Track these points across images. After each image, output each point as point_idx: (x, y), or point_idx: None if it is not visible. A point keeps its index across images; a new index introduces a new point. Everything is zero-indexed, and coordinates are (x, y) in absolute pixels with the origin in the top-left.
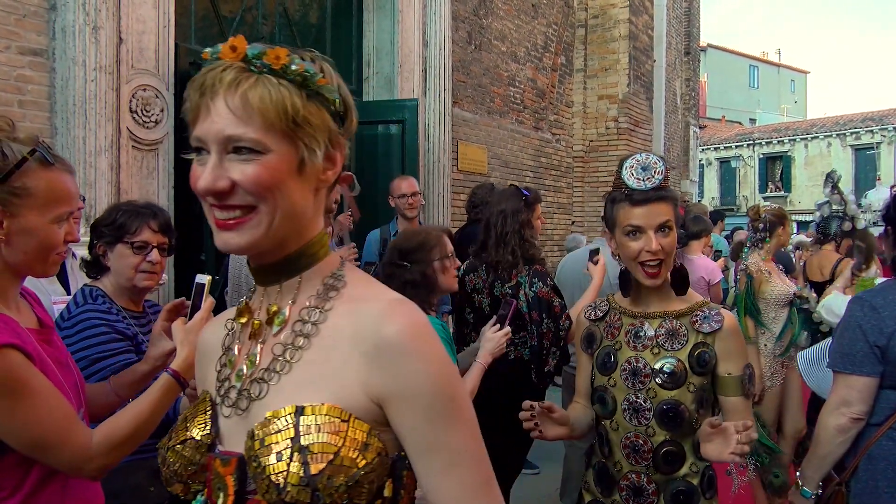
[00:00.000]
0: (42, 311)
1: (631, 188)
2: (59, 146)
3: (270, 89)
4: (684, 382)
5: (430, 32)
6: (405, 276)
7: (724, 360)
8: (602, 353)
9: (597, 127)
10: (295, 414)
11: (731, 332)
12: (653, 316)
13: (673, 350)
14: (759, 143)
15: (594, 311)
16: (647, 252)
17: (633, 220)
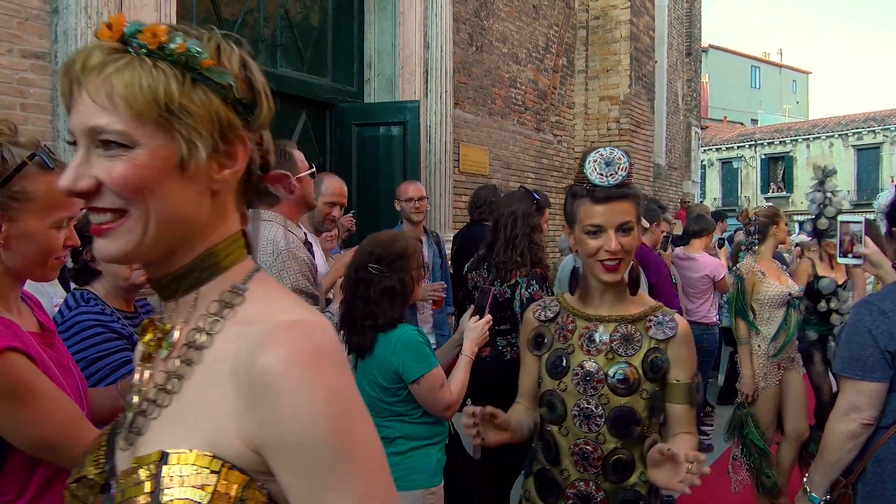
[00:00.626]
0: (43, 315)
1: (593, 184)
2: (62, 150)
3: (141, 73)
4: (637, 389)
5: (432, 34)
6: (385, 283)
7: (675, 366)
8: (553, 356)
9: (598, 128)
10: (158, 462)
11: (683, 340)
12: (608, 319)
13: (627, 356)
14: (761, 143)
15: (544, 310)
16: (605, 251)
17: (594, 220)
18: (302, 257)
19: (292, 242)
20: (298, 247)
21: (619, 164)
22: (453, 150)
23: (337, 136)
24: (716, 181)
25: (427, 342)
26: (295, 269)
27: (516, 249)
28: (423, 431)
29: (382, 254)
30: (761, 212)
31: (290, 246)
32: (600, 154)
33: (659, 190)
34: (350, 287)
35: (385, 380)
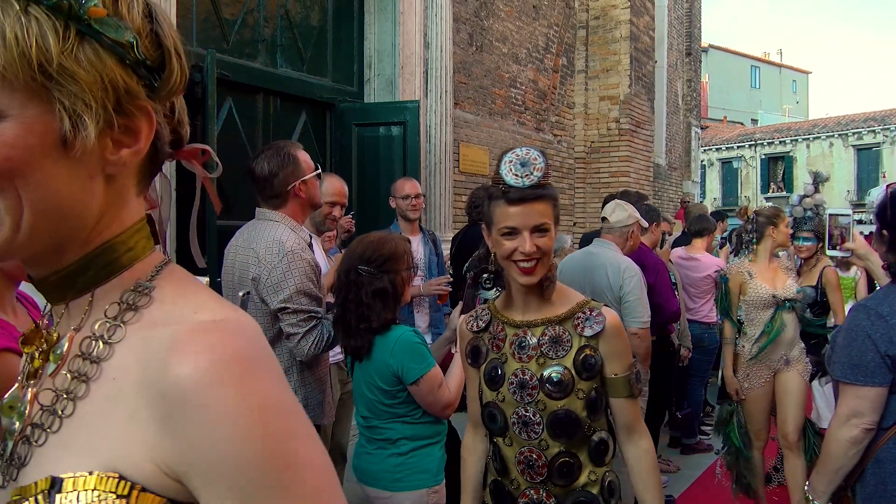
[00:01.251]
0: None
1: (508, 185)
2: None
3: (4, 21)
4: (572, 390)
5: (432, 34)
6: (375, 284)
7: (610, 361)
8: (489, 366)
9: (598, 128)
10: (48, 491)
11: (613, 332)
12: (535, 324)
13: (558, 357)
14: (761, 143)
15: (476, 321)
16: (520, 252)
17: (509, 221)
18: (307, 259)
19: (298, 244)
20: (304, 248)
21: (534, 164)
22: (453, 150)
23: (337, 136)
24: (716, 181)
25: (424, 342)
26: (300, 271)
27: None
28: (424, 431)
29: (372, 255)
30: (762, 211)
31: (297, 247)
32: (516, 154)
33: (659, 190)
34: (341, 290)
35: (384, 382)
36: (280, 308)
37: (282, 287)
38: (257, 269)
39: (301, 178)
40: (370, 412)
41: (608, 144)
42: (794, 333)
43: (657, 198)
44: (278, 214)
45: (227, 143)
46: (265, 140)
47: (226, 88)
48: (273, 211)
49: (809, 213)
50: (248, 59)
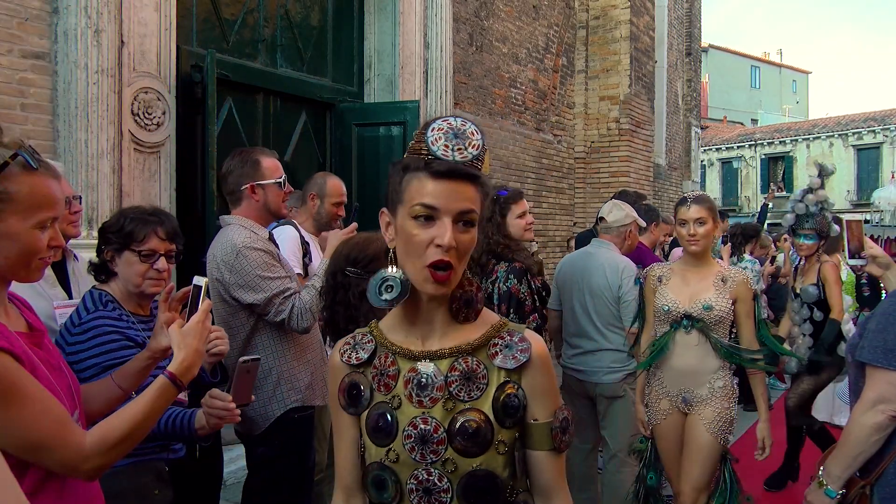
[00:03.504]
0: (32, 316)
1: (434, 155)
2: (62, 149)
3: None
4: (491, 442)
5: (432, 34)
6: (362, 285)
7: (533, 401)
8: (374, 414)
9: (598, 128)
10: None
11: (540, 364)
12: (440, 355)
13: (472, 399)
14: (761, 143)
15: (354, 350)
16: (435, 246)
17: (427, 198)
18: (260, 248)
19: (249, 237)
20: (255, 240)
21: (471, 139)
22: None
23: (337, 136)
24: (716, 181)
25: None
26: (255, 262)
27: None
28: None
29: (358, 256)
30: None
31: (247, 241)
32: (448, 123)
33: (659, 190)
34: (329, 292)
35: None
36: (254, 304)
37: (245, 282)
38: (218, 271)
39: (256, 181)
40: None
41: (608, 144)
42: (698, 364)
43: (657, 198)
44: (233, 217)
45: (227, 143)
46: (265, 140)
47: (226, 88)
48: (229, 215)
49: (813, 209)
50: (248, 59)
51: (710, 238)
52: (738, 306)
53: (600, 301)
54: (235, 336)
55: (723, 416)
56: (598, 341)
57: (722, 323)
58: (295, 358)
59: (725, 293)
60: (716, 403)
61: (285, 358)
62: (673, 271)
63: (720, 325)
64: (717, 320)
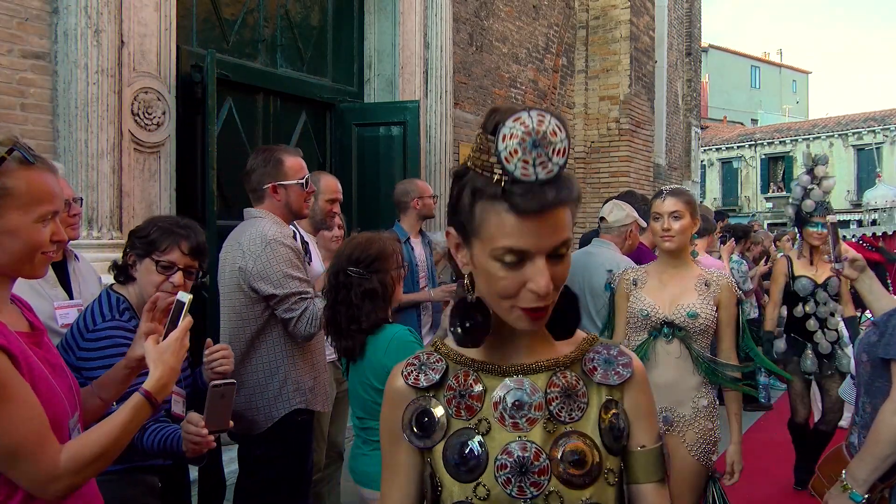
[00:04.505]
0: (33, 317)
1: (513, 177)
2: (62, 149)
3: None
4: (600, 472)
5: (432, 34)
6: (365, 285)
7: (636, 424)
8: (454, 443)
9: (598, 128)
10: None
11: (642, 381)
12: (535, 368)
13: (573, 421)
14: (761, 143)
15: (421, 371)
16: (530, 292)
17: (514, 241)
18: (289, 245)
19: (280, 233)
20: (286, 237)
21: (553, 142)
22: (453, 150)
23: (337, 136)
24: (716, 181)
25: (419, 341)
26: (283, 257)
27: None
28: None
29: (360, 256)
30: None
31: (278, 236)
32: (523, 124)
33: None
34: (331, 292)
35: (379, 382)
36: (271, 296)
37: (268, 274)
38: (242, 260)
39: (278, 181)
40: (365, 413)
41: (608, 144)
42: (680, 379)
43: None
44: (262, 211)
45: (227, 144)
46: (265, 140)
47: (226, 88)
48: (256, 209)
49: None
50: (248, 59)
51: (688, 235)
52: (721, 312)
53: (601, 301)
54: (245, 328)
55: (707, 437)
56: None
57: (706, 333)
58: (302, 359)
59: (709, 298)
60: (700, 424)
61: (293, 358)
62: (648, 273)
63: (704, 334)
64: (702, 329)
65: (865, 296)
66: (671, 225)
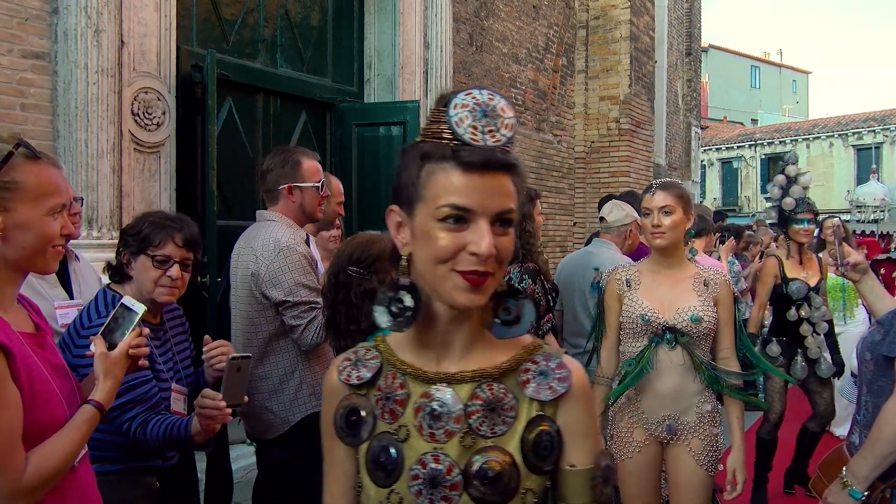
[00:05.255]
0: (39, 318)
1: (462, 141)
2: (62, 149)
3: None
4: (516, 490)
5: (432, 34)
6: (364, 285)
7: (570, 442)
8: (376, 447)
9: (598, 128)
10: None
11: (580, 396)
12: (461, 378)
13: (495, 436)
14: (761, 143)
15: (355, 367)
16: (470, 254)
17: (459, 197)
18: (303, 252)
19: (293, 239)
20: (299, 243)
21: (502, 116)
22: None
23: (337, 136)
24: (716, 181)
25: None
26: (296, 264)
27: None
28: None
29: (361, 256)
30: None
31: (292, 242)
32: (474, 97)
33: None
34: (331, 291)
35: None
36: (281, 302)
37: (280, 281)
38: (255, 265)
39: (294, 183)
40: None
41: (608, 144)
42: (684, 386)
43: None
44: (275, 214)
45: (227, 144)
46: (265, 140)
47: (226, 88)
48: (269, 211)
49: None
50: (248, 59)
51: (680, 231)
52: (720, 311)
53: None
54: (258, 333)
55: (713, 444)
56: None
57: (709, 336)
58: (317, 363)
59: (709, 299)
60: (705, 431)
61: (308, 363)
62: (641, 273)
63: (706, 338)
64: (706, 333)
65: (867, 296)
66: (661, 221)
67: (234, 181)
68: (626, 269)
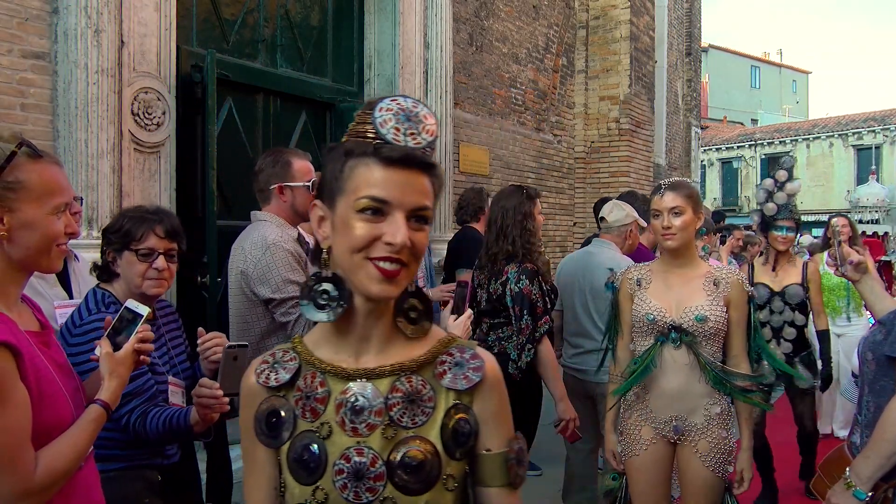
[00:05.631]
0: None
1: (384, 139)
2: (62, 149)
3: None
4: (438, 476)
5: (432, 34)
6: None
7: (486, 428)
8: (297, 446)
9: (598, 128)
10: None
11: (494, 384)
12: (380, 373)
13: (416, 426)
14: (761, 143)
15: (273, 369)
16: (385, 244)
17: (377, 190)
18: (289, 249)
19: (281, 237)
20: (287, 240)
21: (425, 122)
22: (453, 150)
23: (337, 137)
24: (716, 181)
25: None
26: (282, 261)
27: (507, 238)
28: None
29: None
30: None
31: (279, 240)
32: (398, 103)
33: None
34: None
35: None
36: (269, 299)
37: (267, 278)
38: (244, 263)
39: (285, 182)
40: None
41: (608, 144)
42: (691, 386)
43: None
44: (267, 214)
45: (227, 144)
46: (265, 140)
47: (226, 88)
48: (262, 211)
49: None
50: (248, 59)
51: (691, 231)
52: (731, 312)
53: (601, 300)
54: (251, 331)
55: (721, 447)
56: (598, 341)
57: (716, 336)
58: None
59: (719, 299)
60: (713, 433)
61: None
62: (653, 272)
63: (714, 338)
64: (712, 334)
65: (867, 297)
66: (672, 222)
67: (234, 181)
68: (637, 269)
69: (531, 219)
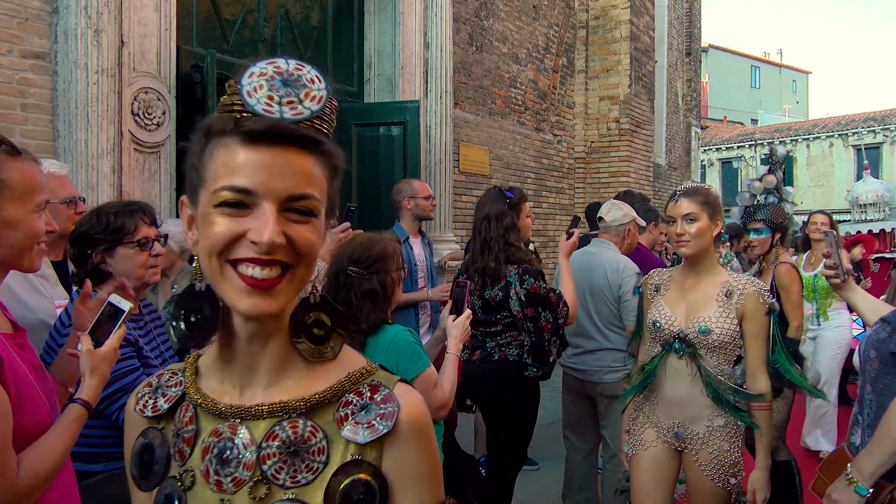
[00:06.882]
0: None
1: (252, 110)
2: (62, 149)
3: None
4: None
5: (432, 34)
6: (365, 285)
7: (398, 490)
8: (161, 495)
9: (598, 128)
10: None
11: (413, 436)
12: (256, 413)
13: (297, 485)
14: (761, 143)
15: (154, 394)
16: (250, 242)
17: (239, 178)
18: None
19: None
20: None
21: (309, 87)
22: (453, 150)
23: (337, 136)
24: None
25: (419, 342)
26: None
27: (491, 254)
28: None
29: (361, 256)
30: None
31: None
32: (275, 66)
33: (659, 190)
34: (331, 292)
35: None
36: None
37: None
38: None
39: None
40: None
41: (608, 144)
42: (693, 397)
43: (657, 198)
44: None
45: None
46: None
47: None
48: None
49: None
50: (248, 60)
51: (707, 238)
52: (746, 324)
53: (600, 300)
54: None
55: (722, 459)
56: (598, 341)
57: (723, 349)
58: None
59: (730, 311)
60: (714, 444)
61: None
62: (672, 279)
63: (720, 351)
64: (716, 346)
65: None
66: (686, 229)
67: None
68: (659, 274)
69: (514, 231)
